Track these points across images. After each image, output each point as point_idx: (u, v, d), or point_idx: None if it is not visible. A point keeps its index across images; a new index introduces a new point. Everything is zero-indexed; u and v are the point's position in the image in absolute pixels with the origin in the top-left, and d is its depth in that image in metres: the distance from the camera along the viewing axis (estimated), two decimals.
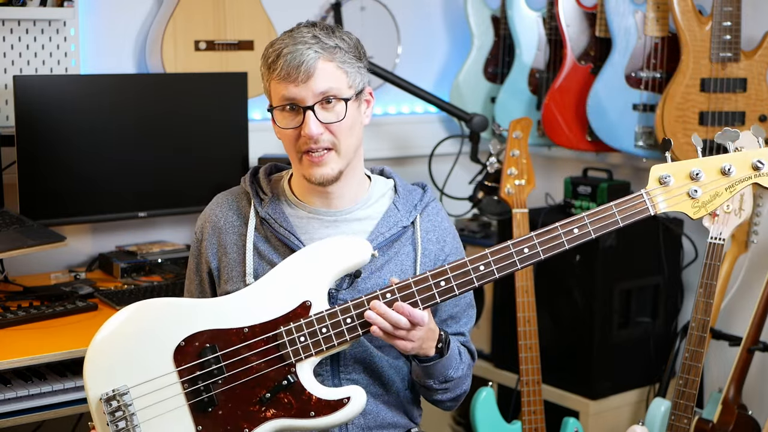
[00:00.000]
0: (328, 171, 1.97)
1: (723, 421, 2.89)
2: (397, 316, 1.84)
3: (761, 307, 2.92)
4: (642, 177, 3.60)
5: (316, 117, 1.92)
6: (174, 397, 1.85)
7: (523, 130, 3.15)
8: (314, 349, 1.86)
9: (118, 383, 1.85)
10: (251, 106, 3.25)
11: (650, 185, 1.86)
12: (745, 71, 3.09)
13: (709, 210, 1.85)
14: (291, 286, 1.89)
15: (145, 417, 1.85)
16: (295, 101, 1.93)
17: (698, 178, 1.84)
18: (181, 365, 1.86)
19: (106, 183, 3.00)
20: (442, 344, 1.96)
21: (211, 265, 2.07)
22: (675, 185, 1.85)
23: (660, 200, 1.86)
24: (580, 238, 1.86)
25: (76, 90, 2.93)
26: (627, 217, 1.86)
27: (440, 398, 2.06)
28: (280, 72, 1.92)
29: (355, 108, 1.97)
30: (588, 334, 3.28)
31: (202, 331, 1.87)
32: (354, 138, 1.98)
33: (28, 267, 3.03)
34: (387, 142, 3.73)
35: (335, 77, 1.93)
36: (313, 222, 2.04)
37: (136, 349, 1.87)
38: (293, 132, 1.95)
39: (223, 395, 1.85)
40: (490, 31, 3.71)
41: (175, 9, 3.12)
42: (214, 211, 2.10)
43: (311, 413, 1.85)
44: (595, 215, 1.86)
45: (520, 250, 1.86)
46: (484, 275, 1.87)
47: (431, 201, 2.12)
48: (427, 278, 1.86)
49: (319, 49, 1.91)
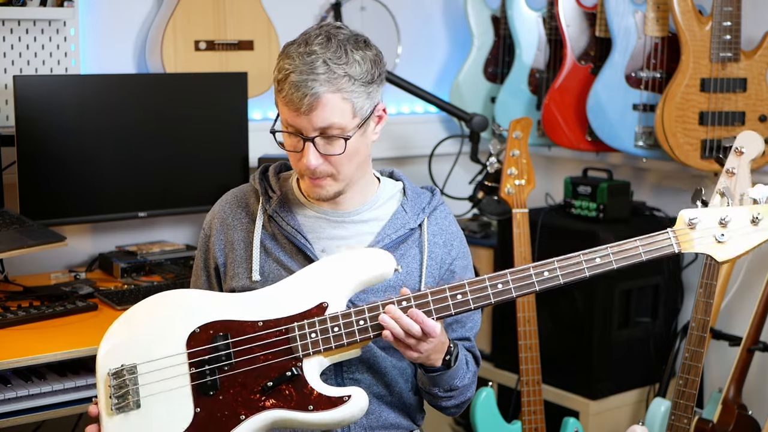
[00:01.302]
0: (324, 193, 1.98)
1: (723, 421, 2.89)
2: (410, 322, 1.84)
3: (761, 307, 2.92)
4: (642, 177, 3.61)
5: (315, 149, 1.93)
6: (178, 377, 1.87)
7: (523, 130, 3.15)
8: (323, 346, 1.86)
9: (129, 361, 1.88)
10: (251, 106, 3.25)
11: (677, 226, 1.87)
12: (745, 71, 3.09)
13: (735, 255, 1.86)
14: (311, 288, 1.90)
15: (146, 393, 1.87)
16: (297, 128, 1.93)
17: (726, 224, 1.86)
18: (192, 349, 1.88)
19: (106, 183, 3.00)
20: (449, 357, 1.96)
21: (218, 261, 2.08)
22: (703, 227, 1.86)
23: (685, 240, 1.86)
24: (601, 267, 1.86)
25: (76, 90, 2.93)
26: (650, 252, 1.86)
27: (444, 405, 2.06)
28: (285, 97, 1.91)
29: (359, 136, 1.96)
30: (588, 334, 3.28)
31: (218, 320, 1.89)
32: (356, 163, 1.98)
33: (28, 267, 3.03)
34: (387, 142, 3.73)
35: (339, 111, 1.90)
36: (320, 222, 2.05)
37: (152, 332, 1.90)
38: (295, 154, 1.96)
39: (227, 381, 1.86)
40: (490, 31, 3.71)
41: (175, 9, 3.12)
42: (222, 208, 2.11)
43: (310, 407, 1.85)
44: (619, 247, 1.87)
45: (540, 272, 1.87)
46: (500, 293, 1.87)
47: (439, 205, 2.12)
48: (444, 290, 1.87)
49: (325, 81, 1.88)
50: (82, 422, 2.94)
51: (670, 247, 1.86)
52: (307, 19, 3.43)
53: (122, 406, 1.86)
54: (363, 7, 3.60)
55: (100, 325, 1.95)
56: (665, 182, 3.56)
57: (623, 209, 3.32)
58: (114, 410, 1.86)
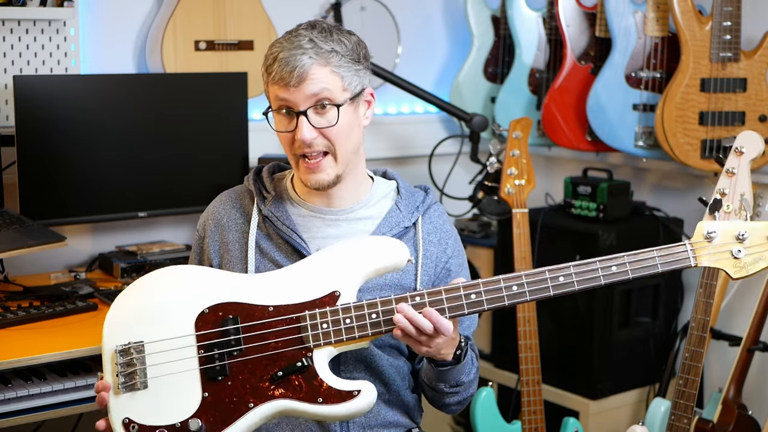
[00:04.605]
0: (324, 177, 1.98)
1: (723, 421, 2.89)
2: (424, 322, 1.83)
3: (761, 307, 2.92)
4: (642, 177, 3.61)
5: (308, 122, 1.93)
6: (187, 360, 1.86)
7: (523, 130, 3.15)
8: (334, 338, 1.86)
9: (136, 337, 1.87)
10: (251, 106, 3.25)
11: (695, 237, 1.88)
12: (745, 71, 3.09)
13: (749, 272, 1.86)
14: (324, 274, 1.89)
15: (154, 374, 1.86)
16: (289, 104, 1.94)
17: (743, 240, 1.86)
18: (201, 331, 1.87)
19: (106, 183, 3.00)
20: (460, 351, 1.96)
21: (213, 262, 2.08)
22: (719, 242, 1.87)
23: (702, 254, 1.87)
24: (617, 275, 1.86)
25: (76, 90, 2.93)
26: (667, 264, 1.87)
27: (447, 402, 2.06)
28: (275, 76, 1.93)
29: (351, 112, 1.98)
30: (588, 334, 3.28)
31: (228, 302, 1.88)
32: (351, 142, 1.99)
33: (28, 267, 3.03)
34: (387, 142, 3.73)
35: (329, 81, 1.93)
36: (315, 221, 2.05)
37: (160, 309, 1.89)
38: (289, 135, 1.97)
39: (236, 367, 1.86)
40: (490, 31, 3.71)
41: (175, 9, 3.12)
42: (217, 209, 2.11)
43: (319, 399, 1.84)
44: (636, 257, 1.87)
45: (555, 277, 1.87)
46: (515, 295, 1.87)
47: (433, 203, 2.12)
48: (459, 288, 1.86)
49: (313, 54, 1.92)
50: (82, 422, 2.94)
51: (686, 260, 1.87)
52: (307, 19, 3.40)
53: (130, 385, 1.85)
54: (363, 7, 3.60)
55: (100, 325, 1.95)
56: (665, 182, 3.56)
57: (623, 209, 3.32)
58: (121, 389, 1.85)
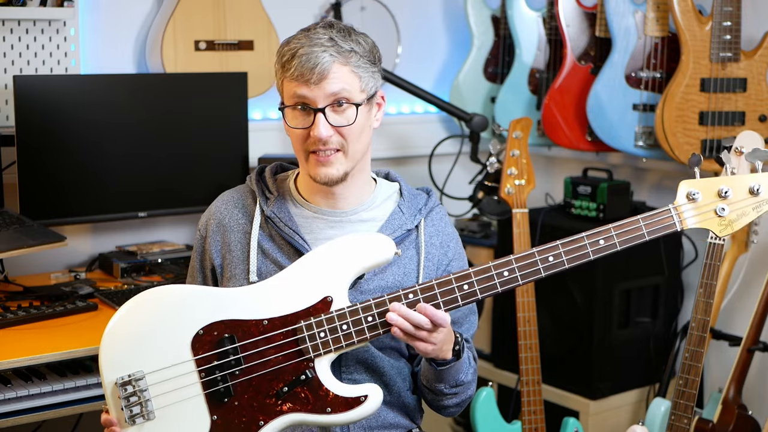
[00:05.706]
0: (333, 171, 1.97)
1: (723, 421, 2.89)
2: (419, 317, 1.83)
3: (761, 307, 2.92)
4: (642, 177, 3.61)
5: (326, 119, 1.93)
6: (190, 386, 1.85)
7: (523, 130, 3.15)
8: (333, 346, 1.86)
9: (134, 368, 1.86)
10: (251, 106, 3.25)
11: (678, 200, 1.87)
12: (745, 71, 3.09)
13: (735, 229, 1.86)
14: (313, 280, 1.89)
15: (160, 404, 1.85)
16: (307, 101, 1.94)
17: (726, 196, 1.85)
18: (198, 354, 1.86)
19: (106, 183, 3.00)
20: (458, 346, 1.96)
21: (215, 263, 2.08)
22: (703, 202, 1.86)
23: (687, 216, 1.86)
24: (605, 249, 1.87)
25: (76, 90, 2.93)
26: (653, 231, 1.87)
27: (447, 403, 2.06)
28: (293, 72, 1.92)
29: (365, 112, 1.98)
30: (588, 334, 3.28)
31: (221, 320, 1.87)
32: (362, 142, 1.99)
33: (28, 267, 3.03)
34: (387, 142, 3.73)
35: (348, 81, 1.93)
36: (317, 222, 2.05)
37: (154, 335, 1.87)
38: (303, 132, 1.96)
39: (240, 386, 1.85)
40: (490, 31, 3.71)
41: (175, 9, 3.11)
42: (219, 209, 2.11)
43: (327, 409, 1.85)
44: (622, 227, 1.87)
45: (545, 258, 1.87)
46: (507, 281, 1.87)
47: (435, 206, 2.12)
48: (451, 281, 1.86)
49: (334, 52, 1.92)
50: (82, 422, 2.94)
51: (672, 225, 1.86)
52: (307, 19, 3.42)
53: (136, 417, 1.85)
54: (363, 7, 3.60)
55: (100, 325, 1.95)
56: (665, 182, 3.56)
57: (623, 209, 3.32)
58: (128, 422, 1.85)
